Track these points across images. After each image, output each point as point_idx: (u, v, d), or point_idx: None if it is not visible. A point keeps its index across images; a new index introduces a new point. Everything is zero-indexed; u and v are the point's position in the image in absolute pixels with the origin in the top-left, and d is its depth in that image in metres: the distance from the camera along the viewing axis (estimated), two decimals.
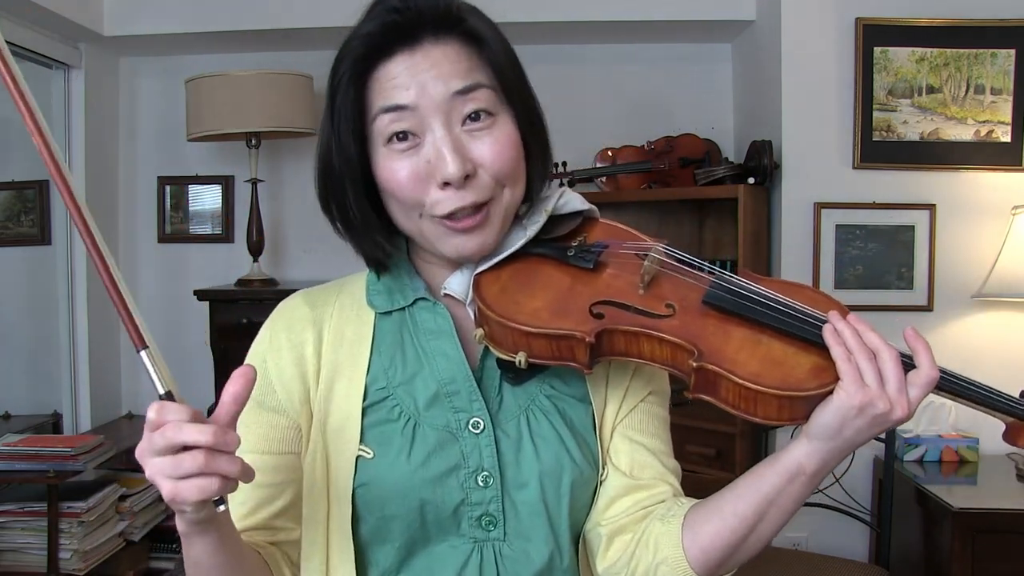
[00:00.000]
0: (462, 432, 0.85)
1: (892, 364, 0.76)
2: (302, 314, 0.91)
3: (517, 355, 0.82)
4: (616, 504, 0.89)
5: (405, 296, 0.90)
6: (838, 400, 0.75)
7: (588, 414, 0.91)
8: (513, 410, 0.88)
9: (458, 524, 0.85)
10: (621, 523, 0.88)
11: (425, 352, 0.88)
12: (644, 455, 0.91)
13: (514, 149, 0.85)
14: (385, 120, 0.82)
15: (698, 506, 0.86)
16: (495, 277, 0.87)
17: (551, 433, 0.87)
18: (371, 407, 0.86)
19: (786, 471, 0.80)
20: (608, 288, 0.85)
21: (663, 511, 0.87)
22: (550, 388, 0.89)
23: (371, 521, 0.85)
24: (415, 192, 0.82)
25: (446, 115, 0.81)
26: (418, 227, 0.85)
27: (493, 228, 0.85)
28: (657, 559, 0.84)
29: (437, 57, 0.82)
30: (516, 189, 0.86)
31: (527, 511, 0.85)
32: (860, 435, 0.77)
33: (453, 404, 0.86)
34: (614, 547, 0.88)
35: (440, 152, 0.80)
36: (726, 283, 0.83)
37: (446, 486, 0.84)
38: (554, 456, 0.86)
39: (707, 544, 0.83)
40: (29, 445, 2.47)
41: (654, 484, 0.90)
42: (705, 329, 0.80)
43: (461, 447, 0.85)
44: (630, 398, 0.92)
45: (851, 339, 0.77)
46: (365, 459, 0.84)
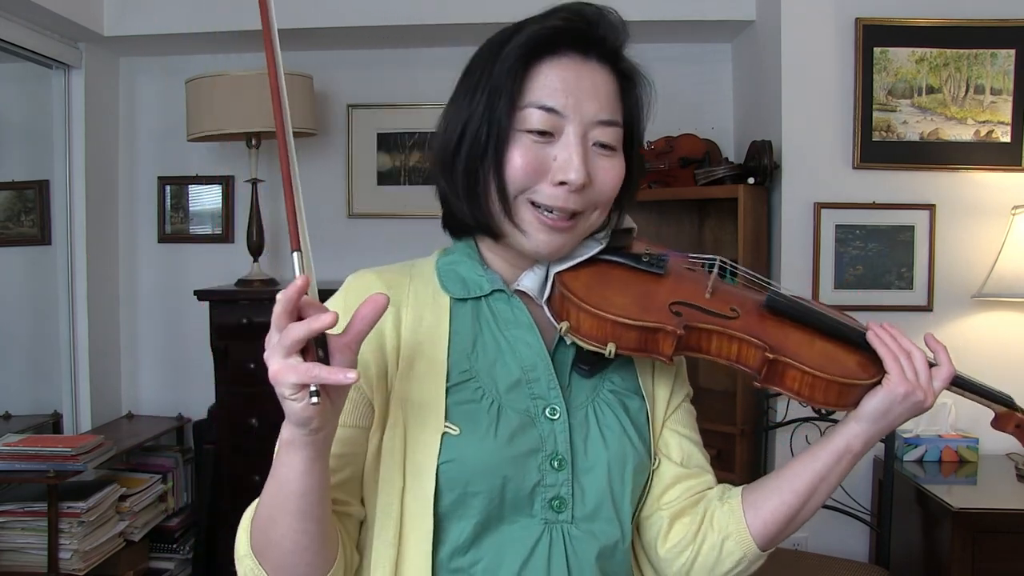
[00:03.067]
0: (539, 417, 0.91)
1: (922, 362, 0.92)
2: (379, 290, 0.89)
3: (607, 345, 0.89)
4: (671, 491, 0.98)
5: (481, 287, 0.96)
6: (888, 387, 0.91)
7: (642, 408, 0.99)
8: (581, 400, 0.94)
9: (532, 504, 0.89)
10: (680, 507, 0.98)
11: (506, 340, 0.94)
12: (690, 447, 1.01)
13: (618, 182, 0.93)
14: (535, 114, 0.88)
15: (754, 487, 0.97)
16: (575, 276, 0.94)
17: (615, 423, 0.94)
18: (454, 387, 0.90)
19: (836, 451, 0.93)
20: (680, 291, 0.95)
21: (719, 494, 0.98)
22: (611, 383, 0.97)
23: (451, 497, 0.87)
24: (529, 178, 0.89)
25: (585, 130, 0.89)
26: (513, 208, 0.90)
27: (575, 236, 0.93)
28: (723, 535, 0.95)
29: (597, 80, 0.91)
30: (603, 215, 0.95)
31: (594, 495, 0.91)
32: (899, 419, 0.92)
33: (532, 391, 0.92)
34: (675, 529, 0.97)
35: (570, 156, 0.88)
36: (781, 292, 0.97)
37: (526, 466, 0.88)
38: (619, 444, 0.93)
39: (768, 518, 0.94)
40: (29, 445, 2.48)
41: (700, 473, 1.01)
42: (767, 329, 0.93)
43: (539, 431, 0.90)
44: (675, 397, 1.03)
45: (891, 342, 0.93)
46: (451, 436, 0.87)
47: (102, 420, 3.15)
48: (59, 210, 3.09)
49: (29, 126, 3.24)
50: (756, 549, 0.94)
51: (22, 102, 3.26)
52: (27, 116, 3.24)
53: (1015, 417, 0.99)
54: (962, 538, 2.10)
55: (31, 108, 3.22)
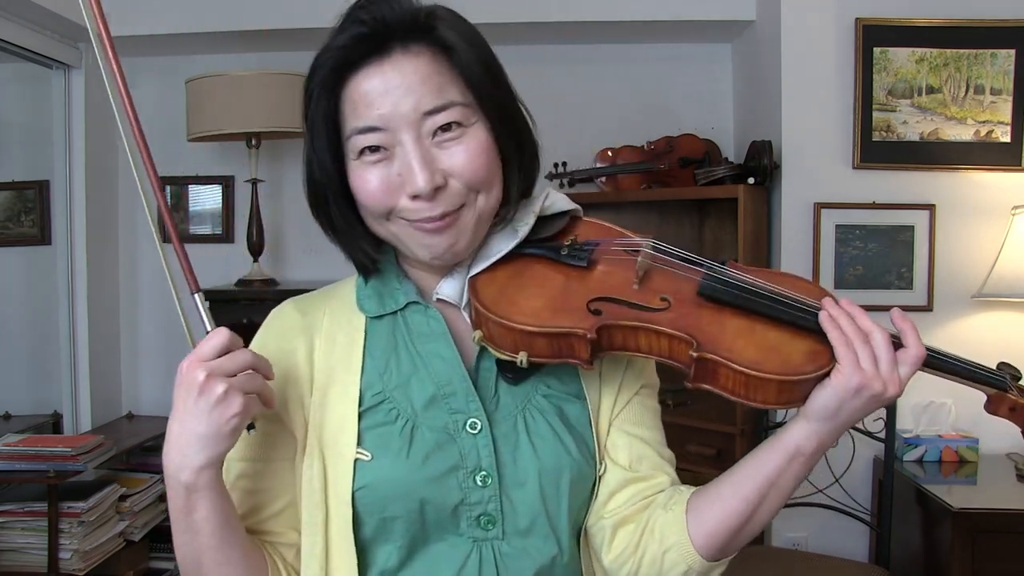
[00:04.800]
0: (460, 433, 0.86)
1: (884, 345, 0.79)
2: (293, 322, 0.92)
3: (519, 355, 0.83)
4: (617, 496, 0.91)
5: (396, 300, 0.91)
6: (836, 382, 0.79)
7: (584, 410, 0.92)
8: (510, 410, 0.89)
9: (457, 523, 0.86)
10: (624, 514, 0.90)
11: (420, 355, 0.89)
12: (641, 447, 0.93)
13: (486, 156, 0.85)
14: (359, 140, 0.83)
15: (700, 492, 0.89)
16: (490, 279, 0.88)
17: (548, 432, 0.88)
18: (367, 411, 0.87)
19: (785, 453, 0.84)
20: (603, 285, 0.87)
21: (665, 499, 0.90)
22: (546, 387, 0.91)
23: (372, 523, 0.85)
24: (385, 202, 0.84)
25: (416, 129, 0.82)
26: (389, 231, 0.87)
27: (465, 229, 0.86)
28: (664, 546, 0.87)
29: (407, 70, 0.82)
30: (491, 195, 0.87)
31: (525, 509, 0.86)
32: (855, 414, 0.81)
33: (450, 405, 0.87)
34: (618, 538, 0.90)
35: (410, 166, 0.82)
36: (718, 275, 0.85)
37: (445, 486, 0.85)
38: (552, 454, 0.87)
39: (712, 528, 0.85)
40: (29, 445, 2.47)
41: (653, 475, 0.92)
42: (701, 320, 0.83)
43: (459, 447, 0.86)
44: (624, 392, 0.94)
45: (847, 324, 0.80)
46: (364, 461, 0.84)
47: (102, 420, 3.15)
48: (59, 210, 3.09)
49: (29, 126, 3.24)
50: (701, 561, 0.85)
51: (22, 102, 3.25)
52: (27, 116, 3.24)
53: (1008, 399, 0.86)
54: (962, 538, 2.10)
55: (31, 108, 3.21)
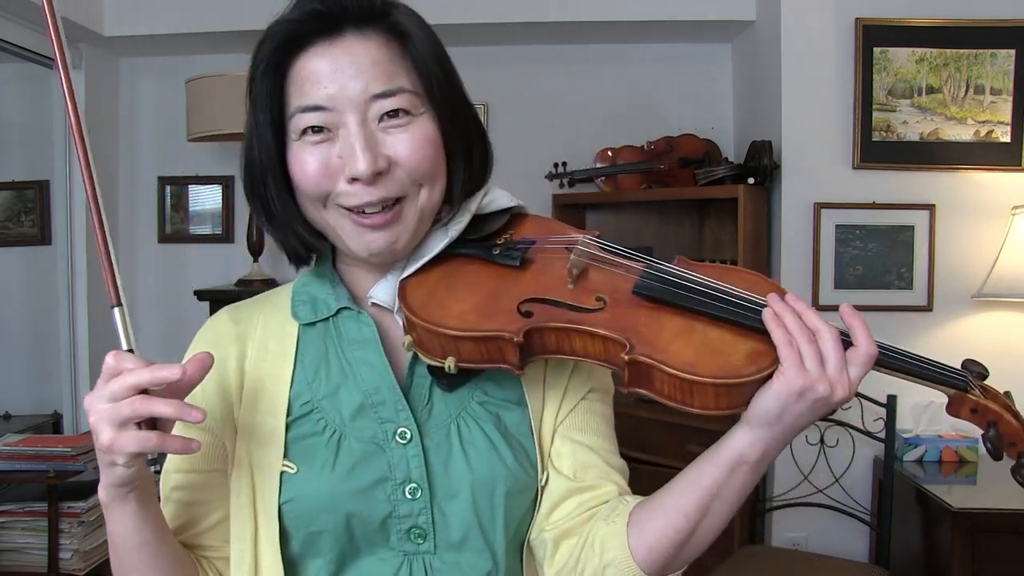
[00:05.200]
0: (389, 443, 0.83)
1: (833, 344, 0.74)
2: (226, 331, 0.89)
3: (446, 360, 0.79)
4: (560, 508, 0.86)
5: (329, 306, 0.88)
6: (778, 385, 0.73)
7: (524, 417, 0.88)
8: (443, 418, 0.85)
9: (387, 537, 0.82)
10: (566, 527, 0.85)
11: (349, 363, 0.86)
12: (587, 455, 0.88)
13: (431, 148, 0.82)
14: (303, 119, 0.80)
15: (642, 504, 0.84)
16: (421, 282, 0.85)
17: (483, 441, 0.84)
18: (295, 421, 0.84)
19: (727, 462, 0.78)
20: (536, 285, 0.83)
21: (607, 511, 0.85)
22: (483, 394, 0.87)
23: (299, 537, 0.83)
24: (322, 185, 0.80)
25: (362, 112, 0.80)
26: (325, 219, 0.83)
27: (407, 226, 0.83)
28: (604, 561, 0.82)
29: (358, 52, 0.80)
30: (434, 190, 0.84)
31: (458, 522, 0.83)
32: (801, 419, 0.75)
33: (379, 414, 0.84)
34: (560, 552, 0.86)
35: (352, 148, 0.79)
36: (657, 272, 0.81)
37: (372, 498, 0.81)
38: (486, 464, 0.83)
39: (653, 543, 0.80)
40: (29, 445, 2.48)
41: (599, 484, 0.87)
42: (637, 320, 0.78)
43: (388, 458, 0.82)
44: (569, 398, 0.90)
45: (791, 322, 0.74)
46: (289, 474, 0.82)
47: None
48: (59, 210, 3.09)
49: (29, 126, 3.24)
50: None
51: (22, 102, 3.25)
52: (27, 116, 3.24)
53: (968, 400, 0.79)
54: (962, 538, 2.10)
55: (31, 108, 3.21)
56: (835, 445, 2.54)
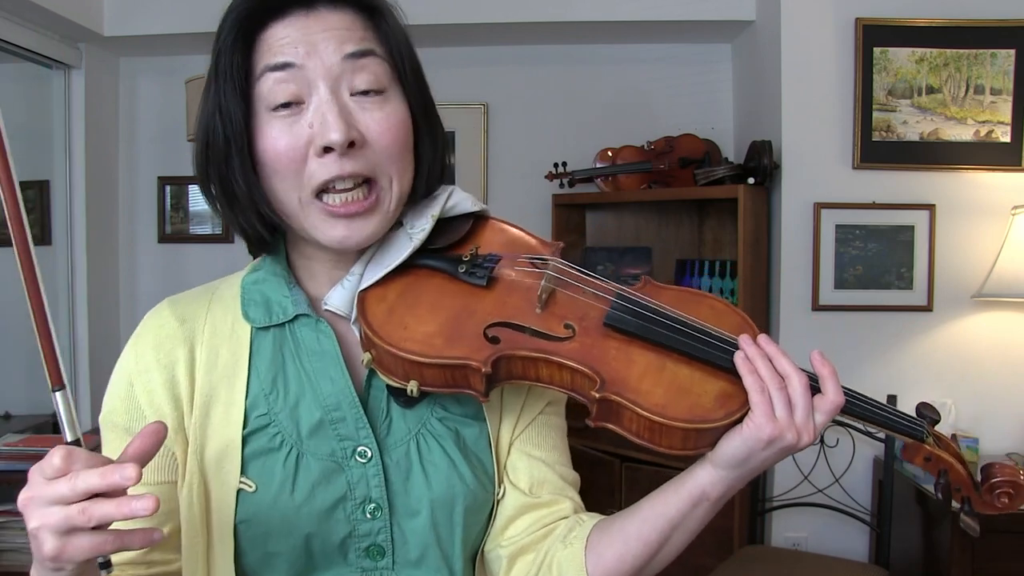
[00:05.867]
0: (348, 461, 0.80)
1: (801, 392, 0.74)
2: (171, 330, 0.83)
3: (408, 384, 0.76)
4: (515, 524, 0.85)
5: (285, 310, 0.83)
6: (747, 432, 0.73)
7: (483, 433, 0.86)
8: (402, 435, 0.82)
9: (345, 555, 0.80)
10: (522, 543, 0.85)
11: (307, 375, 0.82)
12: (543, 470, 0.87)
13: (403, 129, 0.80)
14: (270, 81, 0.76)
15: (601, 528, 0.83)
16: (381, 295, 0.80)
17: (442, 459, 0.82)
18: (251, 435, 0.80)
19: (690, 497, 0.78)
20: (503, 307, 0.79)
21: (564, 531, 0.84)
22: (442, 410, 0.84)
23: (255, 555, 0.79)
24: (293, 161, 0.76)
25: (335, 79, 0.76)
26: (299, 212, 0.79)
27: (383, 217, 0.80)
28: None
29: (331, 23, 0.77)
30: (404, 179, 0.81)
31: (417, 540, 0.81)
32: (766, 463, 0.76)
33: (338, 432, 0.80)
34: (516, 569, 0.85)
35: (323, 117, 0.75)
36: (628, 303, 0.78)
37: (332, 519, 0.79)
38: (445, 482, 0.81)
39: (612, 568, 0.80)
40: (29, 445, 2.48)
41: (554, 501, 0.87)
42: (607, 353, 0.76)
43: (347, 477, 0.80)
44: (526, 414, 0.88)
45: (763, 367, 0.74)
46: (247, 492, 0.78)
47: None
48: (59, 210, 3.09)
49: (29, 126, 3.23)
50: None
51: (22, 102, 3.25)
52: (27, 116, 3.24)
53: (923, 449, 0.82)
54: (962, 538, 2.10)
55: (31, 108, 3.21)
56: (835, 445, 2.54)
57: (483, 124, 3.24)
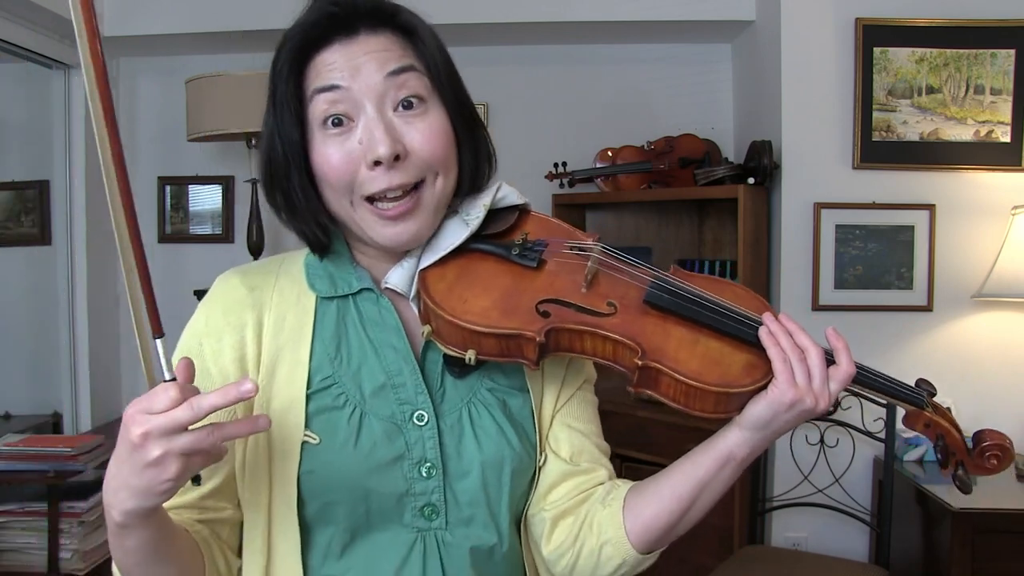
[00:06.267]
0: (406, 424, 0.88)
1: (819, 363, 0.84)
2: (240, 296, 0.91)
3: (467, 353, 0.84)
4: (557, 489, 0.94)
5: (350, 284, 0.92)
6: (772, 396, 0.83)
7: (527, 404, 0.95)
8: (455, 403, 0.91)
9: (401, 513, 0.87)
10: (564, 507, 0.93)
11: (371, 343, 0.90)
12: (582, 440, 0.97)
13: (445, 137, 0.88)
14: (321, 101, 0.85)
15: (637, 489, 0.93)
16: (440, 274, 0.89)
17: (492, 425, 0.90)
18: (315, 394, 0.87)
19: (719, 458, 0.88)
20: (551, 286, 0.88)
21: (603, 494, 0.93)
22: (491, 381, 0.93)
23: (315, 505, 0.86)
24: (346, 175, 0.85)
25: (379, 97, 0.85)
26: (350, 214, 0.88)
27: (426, 215, 0.88)
28: (601, 540, 0.91)
29: (373, 45, 0.86)
30: (448, 178, 0.90)
31: (468, 500, 0.89)
32: (786, 426, 0.85)
33: (399, 396, 0.88)
34: (558, 530, 0.93)
35: (372, 133, 0.84)
36: (665, 283, 0.88)
37: (390, 476, 0.86)
38: (495, 446, 0.90)
39: (649, 523, 0.90)
40: (29, 445, 2.48)
41: (592, 468, 0.96)
42: (646, 327, 0.85)
43: (405, 438, 0.87)
44: (567, 388, 0.98)
45: (785, 341, 0.84)
46: (311, 445, 0.85)
47: (102, 420, 3.15)
48: (59, 210, 3.09)
49: (29, 126, 3.24)
50: (635, 554, 0.90)
51: (22, 102, 3.25)
52: (27, 116, 3.24)
53: (923, 416, 0.91)
54: (962, 538, 2.10)
55: (31, 108, 3.22)
56: (835, 445, 2.54)
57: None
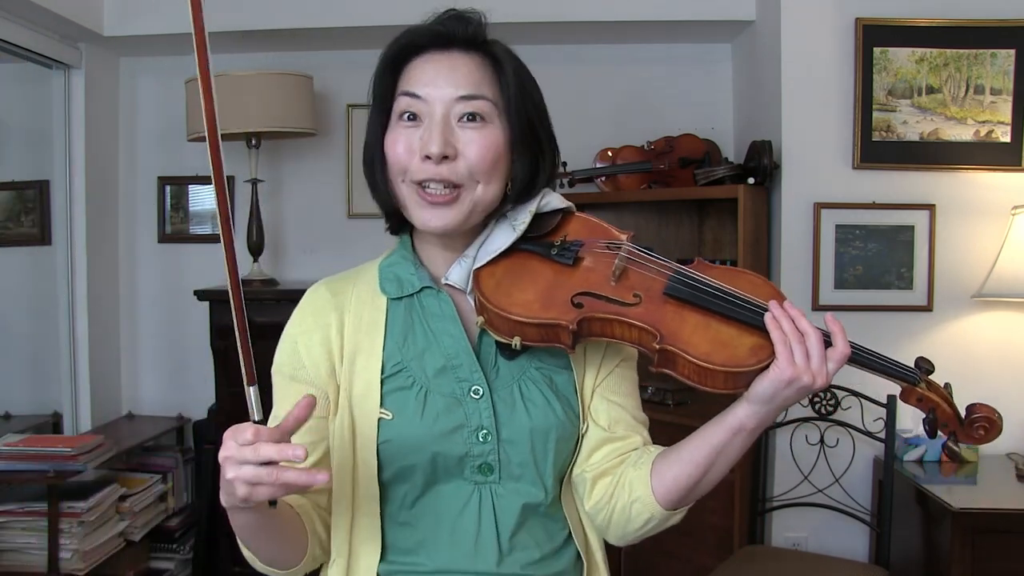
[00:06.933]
0: (465, 397, 1.03)
1: (817, 345, 0.95)
2: (325, 301, 1.08)
3: (513, 339, 0.99)
4: (597, 453, 1.08)
5: (413, 284, 1.08)
6: (773, 374, 0.94)
7: (570, 380, 1.09)
8: (508, 379, 1.06)
9: (462, 470, 1.03)
10: (602, 468, 1.08)
11: (433, 332, 1.06)
12: (618, 411, 1.10)
13: (494, 152, 1.02)
14: (403, 101, 1.02)
15: (663, 454, 1.05)
16: (491, 272, 1.03)
17: (540, 398, 1.05)
18: (389, 378, 1.04)
19: (731, 428, 0.99)
20: (586, 281, 1.02)
21: (635, 458, 1.07)
22: (539, 361, 1.08)
23: (392, 469, 1.03)
24: (403, 159, 1.01)
25: (447, 109, 1.01)
26: (400, 192, 1.03)
27: (459, 211, 1.02)
28: (632, 497, 1.04)
29: (457, 65, 1.02)
30: (489, 187, 1.03)
31: (518, 460, 1.04)
32: (788, 401, 0.97)
33: (457, 375, 1.04)
34: (597, 488, 1.08)
35: (430, 133, 0.99)
36: (683, 276, 1.01)
37: (452, 441, 1.02)
38: (542, 416, 1.04)
39: (671, 485, 1.02)
40: (29, 445, 2.48)
41: (627, 435, 1.10)
42: (665, 315, 0.98)
43: (464, 410, 1.03)
44: (605, 366, 1.11)
45: (787, 325, 0.95)
46: (386, 420, 1.02)
47: (102, 420, 3.15)
48: (59, 210, 3.09)
49: (29, 126, 3.24)
50: (662, 510, 1.03)
51: (22, 102, 3.25)
52: (27, 116, 3.24)
53: (916, 391, 1.01)
54: (962, 538, 2.10)
55: (31, 108, 3.21)
56: (835, 445, 2.54)
57: None
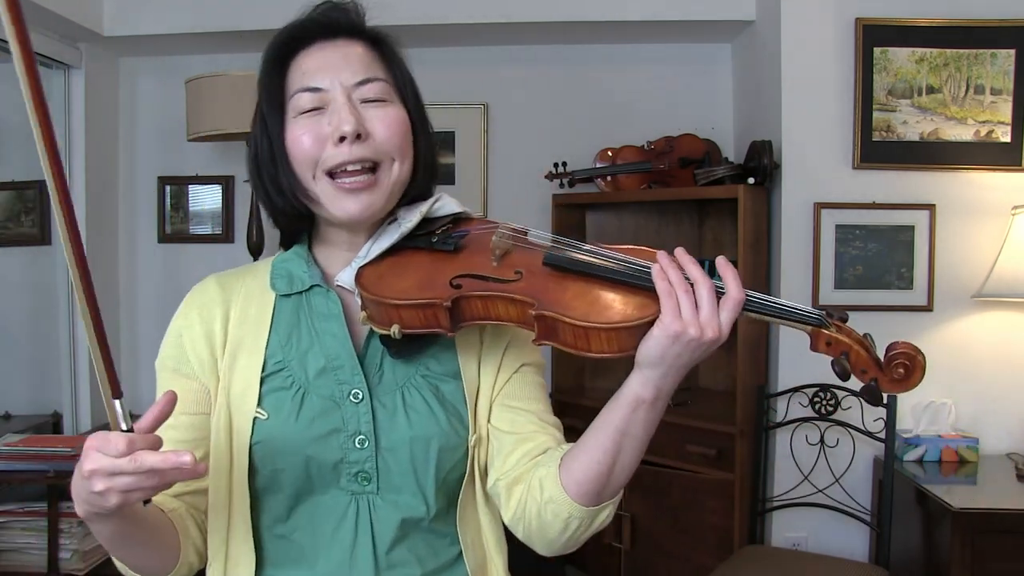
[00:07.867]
0: (344, 401, 0.99)
1: (706, 293, 0.86)
2: (213, 295, 1.06)
3: (392, 327, 0.95)
4: (508, 459, 1.03)
5: (303, 282, 1.05)
6: (657, 330, 0.86)
7: (459, 388, 1.04)
8: (391, 385, 1.02)
9: (338, 478, 0.99)
10: (515, 475, 1.02)
11: (317, 332, 1.03)
12: (523, 416, 1.05)
13: (403, 127, 1.01)
14: (304, 98, 0.99)
15: (570, 449, 0.98)
16: (375, 268, 1.02)
17: (423, 406, 1.01)
18: (268, 376, 1.00)
19: (628, 402, 0.91)
20: (467, 264, 0.99)
21: (545, 458, 1.00)
22: (425, 369, 1.04)
23: (265, 473, 0.98)
24: (313, 151, 0.98)
25: (348, 93, 0.99)
26: (312, 189, 1.00)
27: (381, 194, 1.00)
28: (543, 499, 0.96)
29: (348, 52, 1.01)
30: (404, 165, 1.02)
31: (397, 470, 0.99)
32: (681, 359, 0.87)
33: (338, 377, 1.00)
34: (513, 496, 1.01)
35: (339, 115, 0.97)
36: (562, 247, 0.98)
37: (327, 445, 0.98)
38: (424, 425, 1.00)
39: (580, 477, 0.94)
40: (29, 445, 2.48)
41: (535, 435, 1.03)
42: (547, 286, 0.94)
43: (342, 413, 0.99)
44: (504, 372, 1.06)
45: (674, 275, 0.87)
46: (261, 420, 0.98)
47: (102, 420, 3.15)
48: None
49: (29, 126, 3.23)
50: (580, 508, 0.94)
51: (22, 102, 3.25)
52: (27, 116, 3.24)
53: (823, 335, 0.89)
54: (962, 538, 2.10)
55: None
56: (835, 445, 2.54)
57: (483, 124, 3.24)
